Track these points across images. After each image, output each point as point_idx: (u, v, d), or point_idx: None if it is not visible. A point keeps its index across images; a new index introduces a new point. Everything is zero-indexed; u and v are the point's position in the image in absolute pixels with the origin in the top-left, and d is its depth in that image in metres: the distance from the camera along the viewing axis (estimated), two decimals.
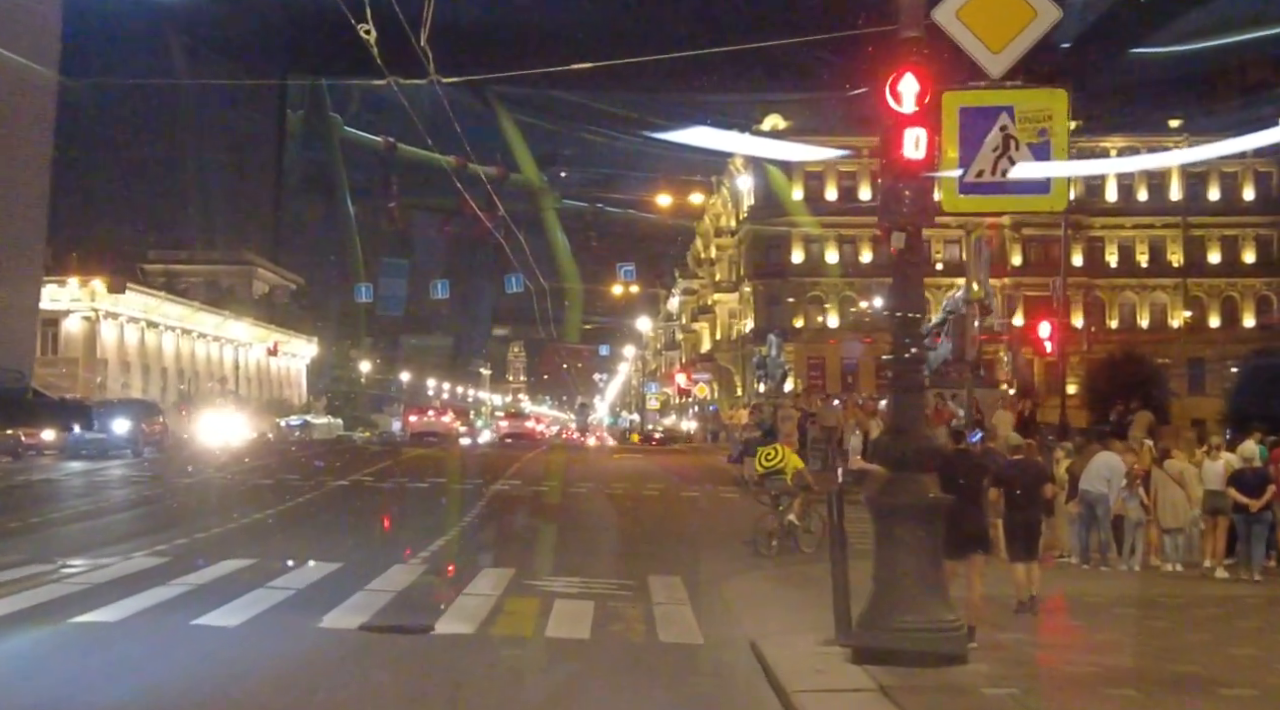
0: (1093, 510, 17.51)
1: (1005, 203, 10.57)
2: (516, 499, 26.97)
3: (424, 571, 16.25)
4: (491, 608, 13.55)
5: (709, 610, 13.79)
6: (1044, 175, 10.15)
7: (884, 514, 10.21)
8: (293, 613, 12.86)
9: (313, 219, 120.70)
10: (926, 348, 10.23)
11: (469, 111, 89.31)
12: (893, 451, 10.15)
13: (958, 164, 10.18)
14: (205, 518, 21.55)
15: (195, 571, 15.36)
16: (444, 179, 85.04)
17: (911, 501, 10.07)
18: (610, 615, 13.34)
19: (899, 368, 10.34)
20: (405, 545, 18.26)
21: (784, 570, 17.47)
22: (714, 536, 21.71)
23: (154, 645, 11.40)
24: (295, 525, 21.64)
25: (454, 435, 62.92)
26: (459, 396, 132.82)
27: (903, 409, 10.27)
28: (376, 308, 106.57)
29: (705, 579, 16.12)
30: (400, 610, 13.21)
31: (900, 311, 10.31)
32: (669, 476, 34.30)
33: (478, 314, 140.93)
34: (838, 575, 10.78)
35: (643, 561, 17.79)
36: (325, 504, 25.35)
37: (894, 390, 10.46)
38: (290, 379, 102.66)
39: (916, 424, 10.25)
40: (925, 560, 10.05)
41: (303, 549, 17.59)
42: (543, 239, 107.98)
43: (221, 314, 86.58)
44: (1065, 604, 14.62)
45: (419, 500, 26.22)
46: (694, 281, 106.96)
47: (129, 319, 76.43)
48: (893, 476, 10.21)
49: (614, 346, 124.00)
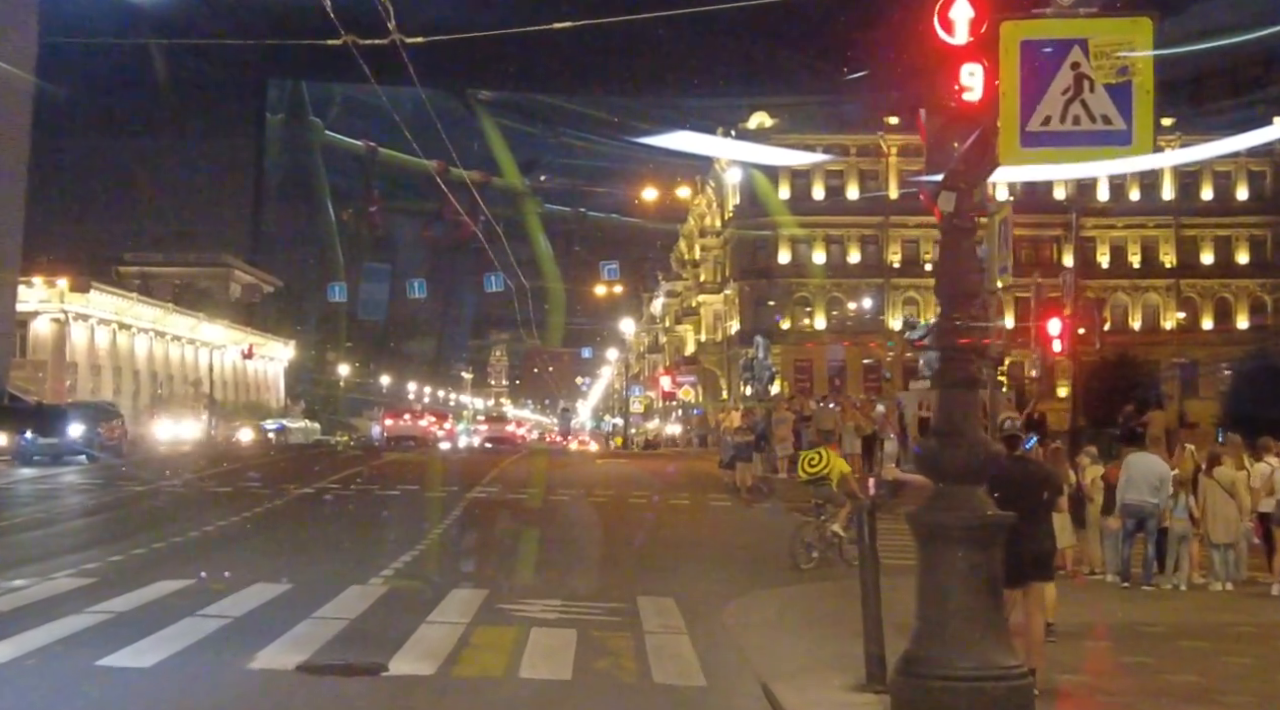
0: (1141, 524, 15.67)
1: (1077, 155, 8.67)
2: (493, 508, 25.04)
3: (384, 594, 14.35)
4: (458, 640, 11.69)
5: (710, 641, 11.96)
6: (1125, 122, 8.32)
7: (931, 536, 8.35)
8: (221, 648, 10.96)
9: (293, 222, 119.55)
10: (983, 331, 8.27)
11: (451, 115, 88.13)
12: (941, 459, 8.30)
13: (1018, 109, 8.34)
14: (148, 531, 19.56)
15: (121, 596, 13.40)
16: (425, 183, 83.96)
17: (966, 521, 8.23)
18: (595, 648, 11.50)
19: (947, 358, 8.49)
20: (366, 562, 16.39)
21: (796, 588, 15.69)
22: (709, 549, 19.92)
23: (40, 694, 9.46)
24: (246, 539, 19.66)
25: (432, 439, 60.96)
26: (440, 401, 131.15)
27: (952, 407, 8.39)
28: (358, 311, 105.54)
29: (703, 600, 14.32)
30: (350, 644, 11.34)
31: (949, 289, 8.47)
32: (656, 483, 32.43)
33: (460, 317, 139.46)
34: (869, 608, 8.96)
35: (631, 579, 15.99)
36: (285, 515, 23.37)
37: (941, 384, 8.59)
38: (267, 382, 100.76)
39: (969, 426, 8.38)
40: (982, 592, 8.19)
41: (250, 567, 15.70)
42: (525, 242, 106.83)
43: (196, 316, 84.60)
44: (1119, 633, 12.67)
45: (387, 510, 24.23)
46: (678, 283, 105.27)
47: (99, 321, 74.72)
48: (941, 489, 8.37)
49: (596, 349, 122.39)
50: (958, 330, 8.38)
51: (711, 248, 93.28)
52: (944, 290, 8.52)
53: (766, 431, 31.95)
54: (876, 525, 9.29)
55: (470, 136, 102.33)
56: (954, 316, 8.41)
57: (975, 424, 8.47)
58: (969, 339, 8.39)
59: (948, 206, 8.30)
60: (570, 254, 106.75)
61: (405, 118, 33.04)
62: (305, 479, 30.05)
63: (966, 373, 8.43)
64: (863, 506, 9.13)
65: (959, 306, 8.39)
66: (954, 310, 8.41)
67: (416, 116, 35.12)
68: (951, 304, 8.43)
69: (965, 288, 8.44)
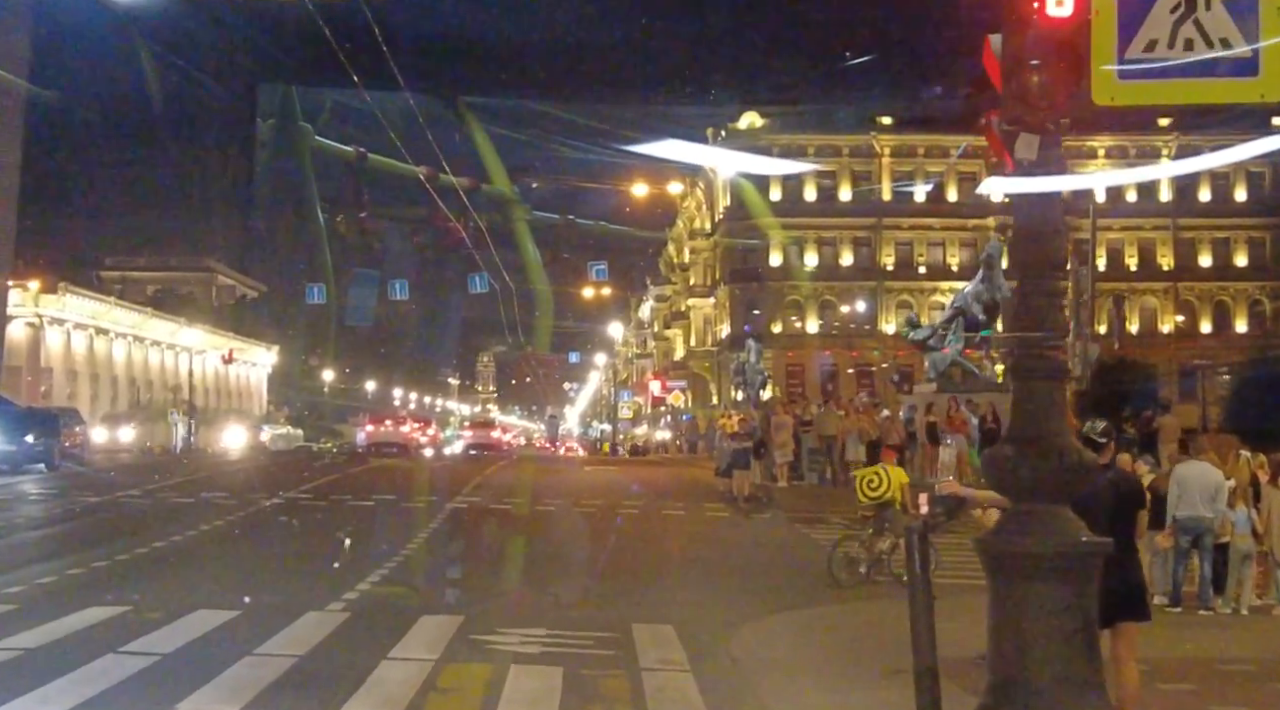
0: (1197, 541, 13.94)
1: (1188, 91, 6.90)
2: (474, 519, 23.25)
3: (344, 622, 12.60)
4: (424, 681, 9.94)
5: (718, 681, 10.26)
6: (1250, 49, 6.62)
7: (1007, 567, 6.63)
8: (138, 696, 9.19)
9: (283, 227, 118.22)
10: (1055, 336, 6.44)
11: (440, 122, 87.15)
12: (1022, 471, 6.57)
13: (1115, 32, 6.64)
14: (92, 547, 17.73)
15: (38, 627, 11.60)
16: (415, 189, 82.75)
17: (1054, 548, 6.51)
18: (584, 691, 9.79)
19: (1027, 343, 6.76)
20: (328, 583, 14.63)
21: (811, 612, 13.99)
22: (709, 566, 18.15)
23: None
24: (199, 557, 17.79)
25: (415, 446, 59.16)
26: (427, 407, 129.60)
27: (1033, 405, 6.66)
28: (345, 317, 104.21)
29: (707, 628, 12.63)
30: (294, 689, 9.58)
31: (1029, 253, 6.75)
32: (647, 491, 30.62)
33: (447, 323, 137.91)
34: (922, 654, 7.22)
35: (624, 603, 14.27)
36: (247, 528, 21.51)
37: (1016, 376, 6.85)
38: (250, 388, 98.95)
39: (1055, 428, 6.66)
40: (1074, 639, 6.48)
41: (195, 590, 13.95)
42: (513, 248, 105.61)
43: (176, 320, 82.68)
44: (1199, 672, 10.79)
45: (360, 522, 22.30)
46: (667, 288, 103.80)
47: (76, 325, 72.81)
48: (1019, 509, 6.65)
49: (584, 355, 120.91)
50: (1041, 307, 6.65)
51: (701, 251, 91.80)
52: (1022, 255, 6.78)
53: (765, 437, 30.19)
54: (929, 549, 7.56)
55: (460, 143, 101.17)
56: (1036, 289, 6.69)
57: (1063, 425, 6.73)
58: (1054, 318, 6.68)
59: (1027, 152, 6.58)
60: (559, 260, 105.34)
61: (395, 124, 31.67)
62: (276, 488, 28.17)
63: (1051, 360, 6.69)
64: (913, 528, 7.37)
65: (1043, 276, 6.67)
66: (1037, 281, 6.68)
67: (406, 123, 33.89)
68: (1033, 273, 6.71)
69: (1049, 253, 6.71)
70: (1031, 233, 6.77)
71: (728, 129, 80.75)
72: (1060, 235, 6.79)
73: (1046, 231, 6.69)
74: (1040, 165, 6.63)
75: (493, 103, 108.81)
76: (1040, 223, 6.74)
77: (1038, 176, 6.72)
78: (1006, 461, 6.68)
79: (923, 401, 33.11)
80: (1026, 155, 6.60)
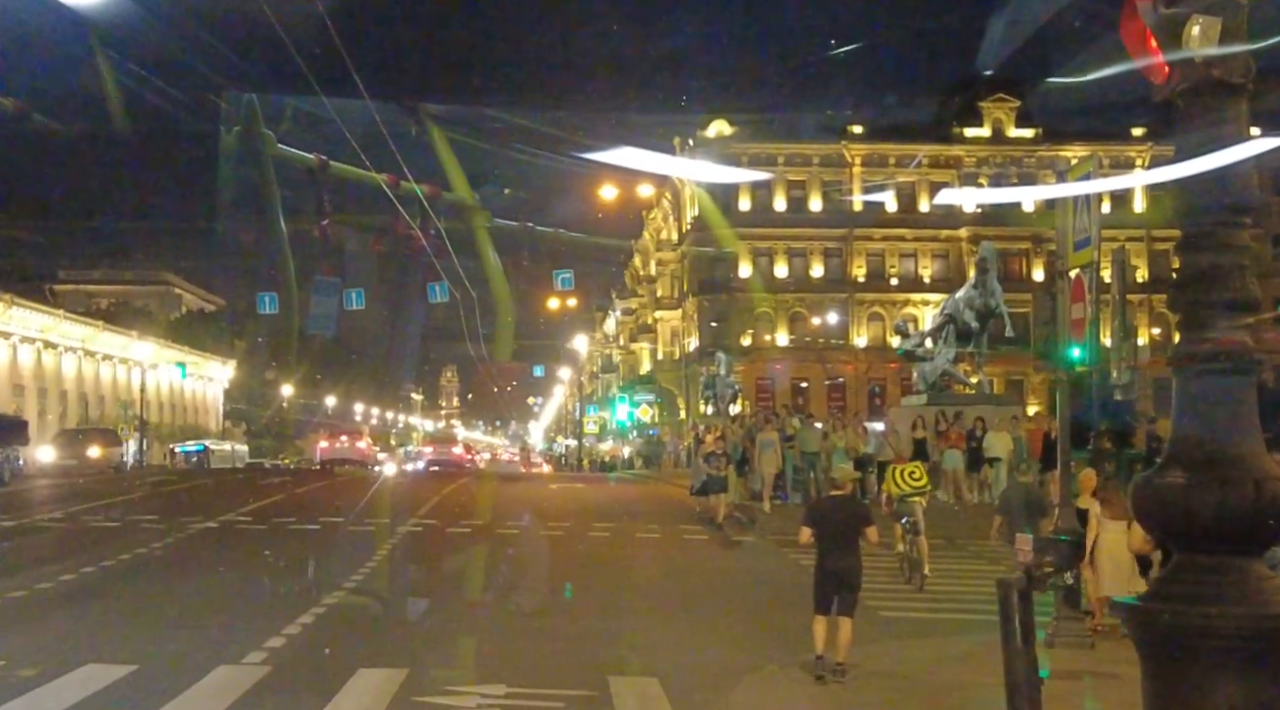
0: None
1: None
2: (427, 546, 20.99)
3: (263, 679, 10.41)
4: None
5: None
6: None
7: (1172, 643, 4.53)
8: None
9: (244, 237, 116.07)
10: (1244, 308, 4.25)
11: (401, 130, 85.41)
12: (1193, 504, 4.48)
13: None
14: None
15: None
16: (376, 198, 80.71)
17: (1244, 619, 4.42)
18: None
19: (1200, 321, 4.65)
20: (249, 628, 12.39)
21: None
22: (695, 602, 16.01)
23: None
24: (104, 594, 15.40)
25: (371, 463, 56.80)
26: (389, 423, 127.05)
27: (1214, 412, 4.57)
28: (308, 326, 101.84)
29: (699, 682, 10.64)
30: None
31: (1208, 195, 4.64)
32: (618, 512, 28.45)
33: (409, 336, 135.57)
34: None
35: (599, 648, 12.21)
36: (170, 558, 19.16)
37: (1180, 372, 4.74)
38: (205, 404, 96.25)
39: (1248, 447, 4.56)
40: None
41: (89, 638, 11.74)
42: (475, 257, 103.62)
43: (128, 334, 79.95)
44: None
45: (298, 549, 19.92)
46: (632, 300, 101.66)
47: (23, 338, 70.12)
48: (1199, 563, 4.55)
49: (549, 368, 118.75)
50: (1221, 269, 4.55)
51: (669, 262, 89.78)
52: (1197, 196, 4.67)
53: (748, 454, 28.02)
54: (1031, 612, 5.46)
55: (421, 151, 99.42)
56: (1210, 240, 4.59)
57: (1258, 441, 4.61)
58: (1238, 282, 4.58)
59: (1204, 43, 4.48)
60: (521, 269, 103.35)
61: (355, 132, 29.90)
62: (214, 511, 25.77)
63: (1241, 347, 4.59)
64: (1010, 583, 5.27)
65: (1229, 226, 4.57)
66: (1217, 232, 4.58)
67: (367, 131, 32.41)
68: (1211, 220, 4.60)
69: (1238, 193, 4.60)
70: (1202, 173, 4.65)
71: (696, 137, 78.76)
72: (1250, 170, 4.65)
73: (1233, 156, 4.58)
74: (1220, 63, 4.54)
75: (455, 110, 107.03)
76: (1215, 144, 4.63)
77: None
78: (1171, 491, 4.58)
79: (909, 415, 30.99)
80: (1202, 72, 4.51)
